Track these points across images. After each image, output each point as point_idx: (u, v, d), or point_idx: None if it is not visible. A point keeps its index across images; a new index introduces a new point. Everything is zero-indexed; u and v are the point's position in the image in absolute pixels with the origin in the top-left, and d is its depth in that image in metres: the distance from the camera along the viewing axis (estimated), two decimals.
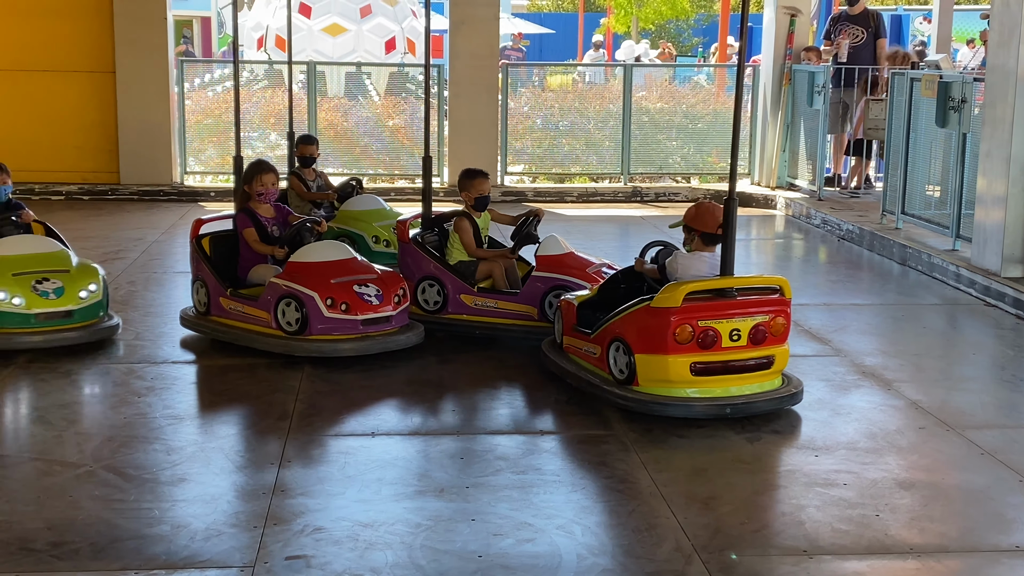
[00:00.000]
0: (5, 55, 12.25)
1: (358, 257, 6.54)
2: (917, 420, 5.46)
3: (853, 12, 12.33)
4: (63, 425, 5.20)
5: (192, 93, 13.33)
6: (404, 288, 6.43)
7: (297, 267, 6.30)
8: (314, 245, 6.48)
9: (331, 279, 6.22)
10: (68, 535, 4.08)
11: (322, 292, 6.14)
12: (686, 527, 4.20)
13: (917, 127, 9.60)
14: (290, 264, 6.34)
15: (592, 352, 5.65)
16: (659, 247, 5.96)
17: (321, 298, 6.12)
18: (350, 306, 6.16)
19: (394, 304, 6.31)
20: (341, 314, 6.15)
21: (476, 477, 4.67)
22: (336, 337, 6.17)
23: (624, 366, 5.41)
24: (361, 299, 6.19)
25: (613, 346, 5.47)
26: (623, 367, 5.42)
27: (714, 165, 13.48)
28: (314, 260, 6.32)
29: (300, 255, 6.37)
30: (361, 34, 18.18)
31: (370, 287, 6.27)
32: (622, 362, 5.42)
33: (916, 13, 23.37)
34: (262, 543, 4.03)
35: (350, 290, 6.20)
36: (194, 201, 12.14)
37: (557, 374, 5.89)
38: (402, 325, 6.39)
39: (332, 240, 6.86)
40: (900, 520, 4.33)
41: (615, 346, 5.45)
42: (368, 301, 6.21)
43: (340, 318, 6.15)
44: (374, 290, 6.26)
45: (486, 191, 6.86)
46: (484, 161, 12.17)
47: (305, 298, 6.13)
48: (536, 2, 44.70)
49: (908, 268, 9.01)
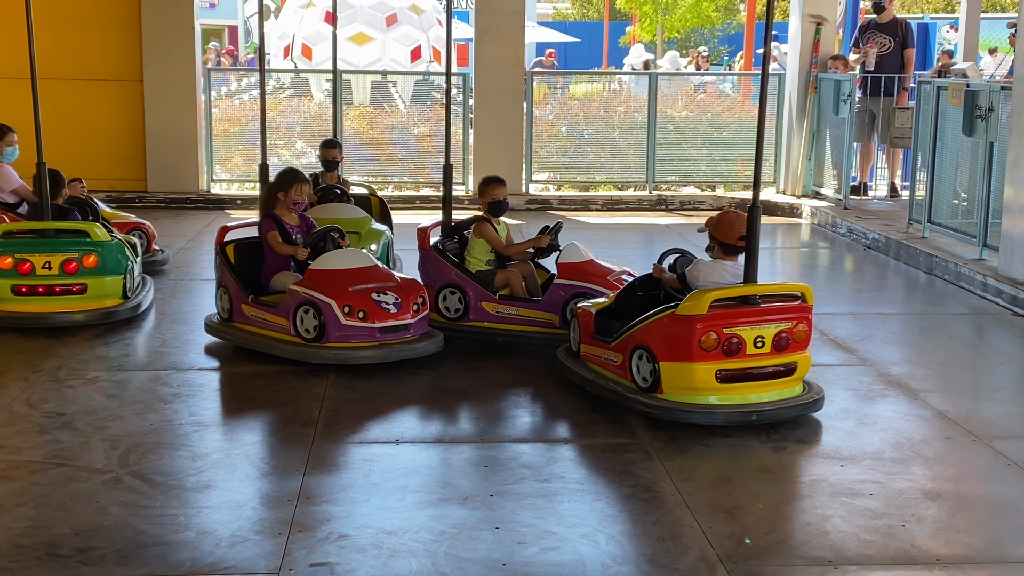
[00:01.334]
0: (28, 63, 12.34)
1: (380, 265, 6.56)
2: (944, 430, 5.42)
3: (881, 21, 12.29)
4: (90, 431, 5.24)
5: (219, 101, 13.41)
6: (423, 296, 6.43)
7: (317, 274, 6.33)
8: (335, 253, 6.50)
9: (350, 287, 6.23)
10: (94, 541, 4.10)
11: (340, 300, 6.15)
12: (711, 536, 4.19)
13: (944, 136, 9.55)
14: (310, 271, 6.37)
15: (613, 360, 5.65)
16: (677, 255, 5.96)
17: (339, 305, 6.13)
18: (367, 314, 6.17)
19: (412, 312, 6.31)
20: (358, 322, 6.16)
21: (500, 485, 4.67)
22: (353, 345, 6.19)
23: (648, 374, 5.40)
24: (379, 307, 6.21)
25: (636, 354, 5.46)
26: (647, 375, 5.41)
27: (739, 173, 13.45)
28: (334, 268, 6.35)
29: (320, 262, 6.40)
30: (387, 43, 18.23)
31: (388, 295, 6.28)
32: (646, 370, 5.42)
33: (943, 21, 23.26)
34: (287, 550, 4.04)
35: (368, 298, 6.21)
36: (220, 209, 12.21)
37: (576, 382, 5.89)
38: (421, 333, 6.40)
39: (354, 248, 6.87)
40: (926, 531, 4.31)
41: (638, 354, 5.45)
42: (386, 309, 6.22)
43: (357, 326, 6.17)
44: (392, 298, 6.27)
45: (501, 196, 6.89)
46: (509, 169, 12.22)
47: (323, 305, 6.15)
48: (561, 10, 44.76)
49: (935, 277, 8.96)
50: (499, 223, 6.94)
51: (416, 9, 18.84)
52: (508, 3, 12.53)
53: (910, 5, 37.60)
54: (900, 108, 11.77)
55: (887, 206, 11.75)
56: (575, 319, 6.05)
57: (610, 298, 6.02)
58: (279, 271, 6.65)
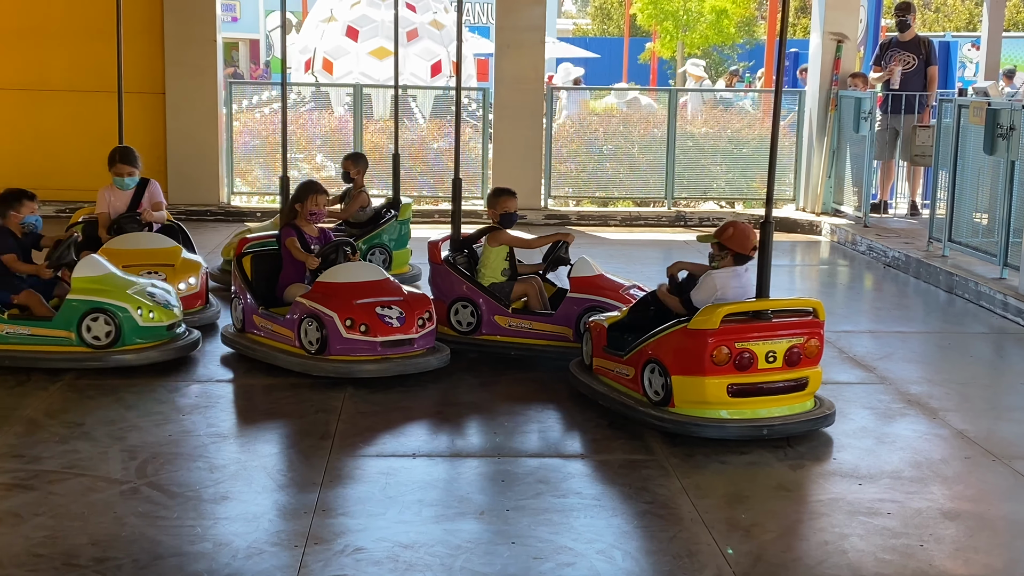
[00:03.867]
0: (57, 76, 12.47)
1: (390, 279, 6.54)
2: (963, 449, 5.40)
3: (904, 39, 12.25)
4: (108, 442, 5.26)
5: (239, 114, 13.47)
6: (430, 311, 6.41)
7: (323, 287, 6.34)
8: (346, 265, 6.52)
9: (354, 300, 6.22)
10: (112, 551, 4.11)
11: (342, 312, 6.15)
12: (727, 554, 4.17)
13: (965, 154, 9.52)
14: (317, 283, 6.39)
15: (625, 374, 5.66)
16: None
17: (340, 319, 6.13)
18: (369, 327, 6.16)
19: (417, 327, 6.29)
20: (360, 335, 6.15)
21: (516, 500, 4.66)
22: (354, 358, 6.18)
23: (660, 387, 5.41)
24: (382, 321, 6.19)
25: (648, 367, 5.47)
26: (659, 388, 5.42)
27: (758, 190, 13.42)
28: (341, 280, 6.35)
29: (329, 275, 6.41)
30: (407, 57, 18.29)
31: (393, 309, 6.26)
32: (657, 383, 5.43)
33: (964, 40, 23.20)
34: (303, 562, 4.04)
35: (371, 312, 6.20)
36: (240, 221, 12.23)
37: (588, 395, 5.88)
38: (428, 347, 6.38)
39: (365, 262, 6.86)
40: (945, 551, 4.28)
41: (650, 367, 5.46)
42: (389, 323, 6.20)
43: (358, 339, 6.15)
44: (397, 312, 6.25)
45: (512, 208, 6.90)
46: (528, 184, 12.24)
47: (325, 318, 6.16)
48: (581, 26, 44.84)
49: (955, 296, 8.92)
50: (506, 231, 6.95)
51: (437, 24, 18.92)
52: (528, 19, 12.56)
53: (931, 23, 37.53)
54: (921, 126, 11.73)
55: (907, 224, 11.71)
56: (587, 332, 6.06)
57: (622, 312, 6.03)
58: (294, 283, 6.67)
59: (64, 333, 6.32)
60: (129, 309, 6.34)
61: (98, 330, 6.32)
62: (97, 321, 6.31)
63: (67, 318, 6.32)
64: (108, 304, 6.32)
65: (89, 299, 6.32)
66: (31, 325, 6.38)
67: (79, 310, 6.31)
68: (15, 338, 6.37)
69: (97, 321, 6.31)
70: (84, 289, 6.35)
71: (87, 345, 6.32)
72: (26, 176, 11.11)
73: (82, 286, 6.35)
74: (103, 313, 6.31)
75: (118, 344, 6.33)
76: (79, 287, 6.35)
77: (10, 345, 6.36)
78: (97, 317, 6.30)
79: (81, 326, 6.30)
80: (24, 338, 6.37)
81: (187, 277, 7.24)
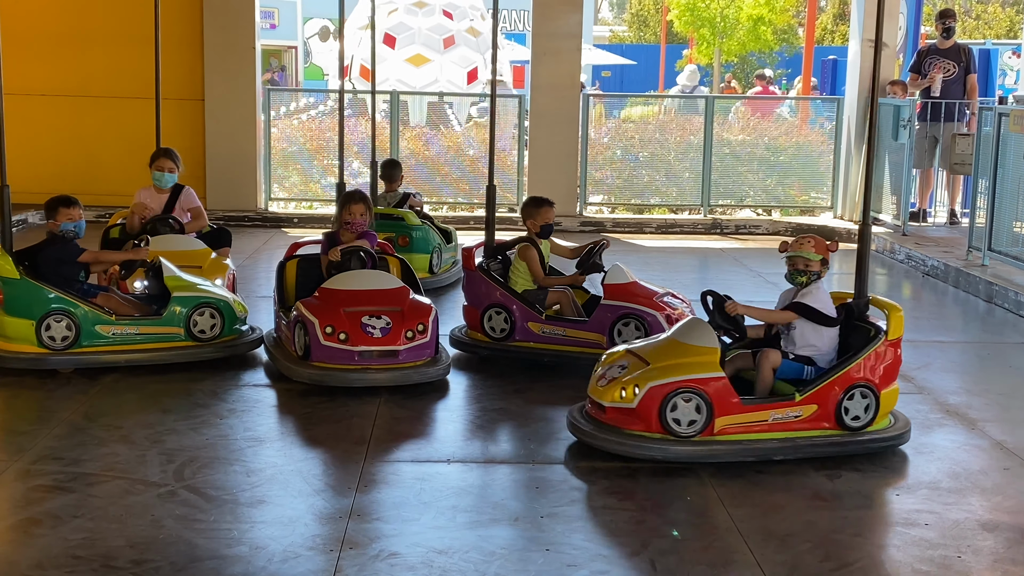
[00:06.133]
0: (97, 82, 12.62)
1: (401, 286, 6.45)
2: (1002, 460, 5.34)
3: (943, 46, 12.16)
4: (147, 445, 5.30)
5: (277, 121, 13.56)
6: (424, 324, 6.26)
7: (323, 293, 6.37)
8: (355, 272, 6.51)
9: (344, 308, 6.19)
10: (149, 553, 4.15)
11: (323, 320, 6.14)
12: (763, 564, 4.15)
13: (1005, 163, 9.44)
14: (320, 289, 6.41)
15: (796, 415, 5.34)
16: (711, 296, 5.57)
17: (320, 325, 6.13)
18: (349, 336, 6.14)
19: (404, 339, 6.18)
20: (338, 344, 6.12)
21: (551, 507, 4.66)
22: (332, 366, 6.14)
23: (863, 410, 5.35)
24: (363, 331, 6.13)
25: (848, 395, 5.31)
26: (860, 412, 5.33)
27: (795, 198, 13.36)
28: (341, 288, 6.35)
29: (334, 281, 6.42)
30: (444, 64, 18.37)
31: (380, 319, 6.18)
32: (860, 407, 5.33)
33: (1005, 47, 23.01)
34: (338, 567, 4.06)
35: (356, 321, 6.15)
36: (278, 227, 12.34)
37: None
38: (424, 359, 6.27)
39: (379, 270, 6.77)
40: (983, 562, 4.24)
41: (850, 393, 5.31)
42: (370, 334, 6.13)
43: (336, 347, 6.12)
44: (383, 323, 6.16)
45: (551, 219, 6.90)
46: (564, 191, 12.25)
47: (308, 324, 6.18)
48: (618, 33, 44.82)
49: (994, 305, 8.84)
50: (543, 243, 6.95)
51: (473, 31, 18.98)
52: (565, 26, 12.58)
53: (972, 30, 37.25)
54: (960, 135, 11.64)
55: (946, 233, 11.63)
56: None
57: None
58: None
59: (174, 329, 6.56)
60: (230, 302, 6.67)
61: (204, 324, 6.59)
62: (203, 315, 6.58)
63: (175, 315, 6.56)
64: (212, 299, 6.63)
65: (195, 295, 6.62)
66: (140, 324, 6.53)
67: (190, 303, 6.56)
68: (121, 338, 6.50)
69: (203, 315, 6.58)
70: (181, 286, 6.62)
71: (194, 339, 6.57)
72: (67, 181, 11.28)
73: (174, 284, 6.62)
74: (208, 307, 6.59)
75: (221, 336, 6.64)
76: (173, 285, 6.61)
77: (116, 346, 6.49)
78: (203, 311, 6.57)
79: (189, 321, 6.57)
80: (131, 337, 6.51)
81: (214, 279, 7.28)
